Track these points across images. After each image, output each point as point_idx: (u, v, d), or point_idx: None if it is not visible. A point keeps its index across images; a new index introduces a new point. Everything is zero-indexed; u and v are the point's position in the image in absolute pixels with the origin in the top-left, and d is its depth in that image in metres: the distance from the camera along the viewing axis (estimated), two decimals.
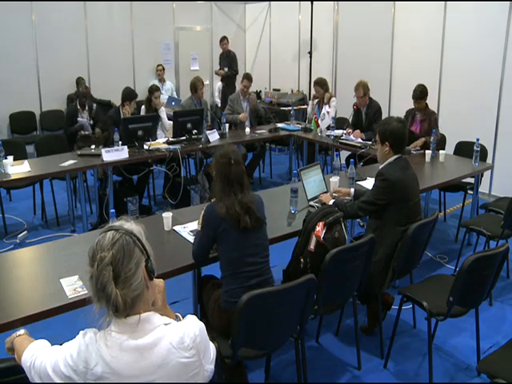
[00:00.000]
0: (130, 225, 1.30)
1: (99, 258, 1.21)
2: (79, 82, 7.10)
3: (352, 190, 3.32)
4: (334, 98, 5.95)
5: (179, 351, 1.25)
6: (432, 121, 4.78)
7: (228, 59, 8.13)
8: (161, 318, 1.30)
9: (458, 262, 3.92)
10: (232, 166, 2.28)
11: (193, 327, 1.31)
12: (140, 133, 4.73)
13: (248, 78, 6.19)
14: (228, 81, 8.12)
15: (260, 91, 9.04)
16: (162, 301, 1.41)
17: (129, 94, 5.16)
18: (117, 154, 4.46)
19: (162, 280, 1.44)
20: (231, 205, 2.25)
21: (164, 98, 7.34)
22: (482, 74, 5.61)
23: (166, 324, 1.29)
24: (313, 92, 6.32)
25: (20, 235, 4.47)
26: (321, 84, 5.93)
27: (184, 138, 5.07)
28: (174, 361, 1.24)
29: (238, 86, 8.06)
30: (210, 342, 1.38)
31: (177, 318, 1.44)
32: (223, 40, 8.10)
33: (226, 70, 8.07)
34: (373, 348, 2.97)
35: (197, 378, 1.30)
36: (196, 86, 5.68)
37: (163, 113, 5.50)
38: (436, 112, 5.35)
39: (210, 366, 1.33)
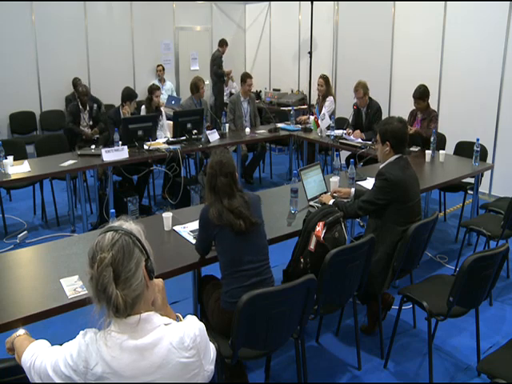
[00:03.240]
0: (129, 225, 1.30)
1: (99, 259, 1.21)
2: (76, 82, 7.07)
3: (352, 190, 3.32)
4: (329, 97, 5.94)
5: (179, 351, 1.25)
6: (432, 118, 4.78)
7: (221, 61, 8.17)
8: (161, 318, 1.30)
9: (458, 262, 3.92)
10: (218, 178, 2.31)
11: (193, 327, 1.31)
12: (140, 133, 4.73)
13: (250, 76, 6.20)
14: (220, 79, 8.17)
15: (260, 91, 9.04)
16: (162, 300, 1.41)
17: (129, 94, 5.16)
18: (117, 153, 4.46)
19: (161, 279, 1.44)
20: (221, 211, 2.27)
21: (164, 98, 7.34)
22: (481, 73, 5.62)
23: (166, 324, 1.29)
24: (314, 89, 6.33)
25: (20, 235, 4.47)
26: (326, 79, 5.94)
27: (184, 137, 5.07)
28: (174, 361, 1.24)
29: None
30: (210, 342, 1.38)
31: (177, 319, 1.44)
32: (227, 45, 8.12)
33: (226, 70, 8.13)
34: (373, 348, 2.97)
35: (197, 378, 1.30)
36: (198, 85, 5.68)
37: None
38: (436, 111, 5.35)
39: (210, 366, 1.33)
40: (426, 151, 4.52)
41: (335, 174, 3.88)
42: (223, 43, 8.15)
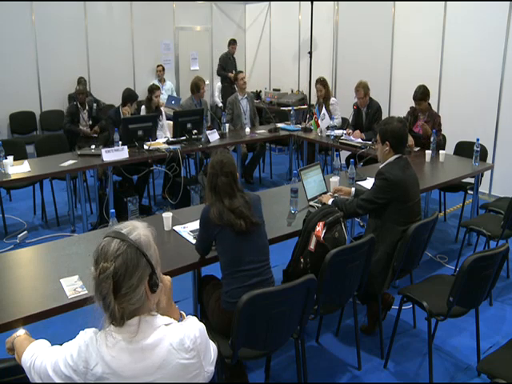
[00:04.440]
0: (138, 232, 1.26)
1: (101, 267, 1.20)
2: (80, 81, 7.09)
3: (353, 189, 3.32)
4: (333, 99, 5.97)
5: (179, 352, 1.25)
6: (436, 123, 4.76)
7: (232, 61, 8.20)
8: (162, 318, 1.30)
9: (458, 262, 3.92)
10: (219, 177, 2.31)
11: (193, 328, 1.30)
12: (140, 133, 4.73)
13: (240, 71, 6.33)
14: (230, 81, 8.18)
15: (260, 91, 9.04)
16: (167, 300, 1.40)
17: (129, 96, 5.16)
18: (117, 153, 4.46)
19: (169, 278, 1.42)
20: (222, 211, 2.27)
21: (164, 98, 7.34)
22: (482, 73, 5.61)
23: (166, 324, 1.28)
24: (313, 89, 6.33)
25: (20, 235, 4.47)
26: (324, 83, 5.93)
27: (184, 138, 5.07)
28: (174, 362, 1.24)
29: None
30: (211, 343, 1.37)
31: (181, 317, 1.44)
32: (235, 43, 8.20)
33: (233, 72, 8.16)
34: (373, 348, 2.97)
35: (197, 379, 1.29)
36: (198, 85, 5.68)
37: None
38: (438, 113, 5.34)
39: (210, 367, 1.33)
40: (426, 151, 4.51)
41: (335, 174, 3.88)
42: (231, 43, 8.22)
